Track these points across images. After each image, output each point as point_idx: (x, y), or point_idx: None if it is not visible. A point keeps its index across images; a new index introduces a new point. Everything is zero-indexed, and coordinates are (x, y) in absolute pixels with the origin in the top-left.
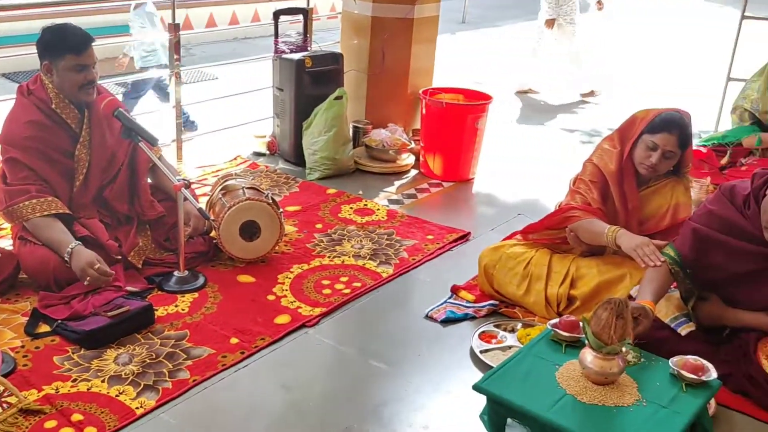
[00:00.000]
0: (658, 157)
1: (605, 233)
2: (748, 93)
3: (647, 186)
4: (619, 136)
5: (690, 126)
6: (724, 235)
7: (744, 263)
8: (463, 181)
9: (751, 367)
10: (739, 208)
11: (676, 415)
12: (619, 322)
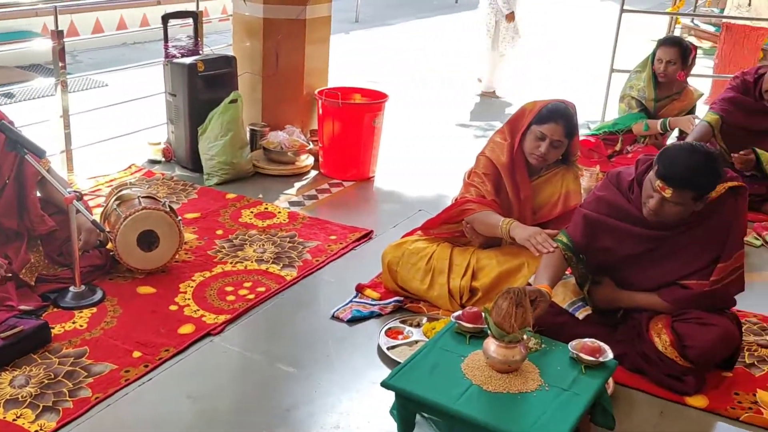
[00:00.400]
0: (546, 146)
1: (500, 226)
2: (635, 83)
3: (539, 176)
4: (509, 128)
5: (575, 116)
6: (613, 219)
7: (631, 245)
8: (364, 179)
9: (644, 345)
10: (625, 193)
11: (577, 396)
12: (519, 311)
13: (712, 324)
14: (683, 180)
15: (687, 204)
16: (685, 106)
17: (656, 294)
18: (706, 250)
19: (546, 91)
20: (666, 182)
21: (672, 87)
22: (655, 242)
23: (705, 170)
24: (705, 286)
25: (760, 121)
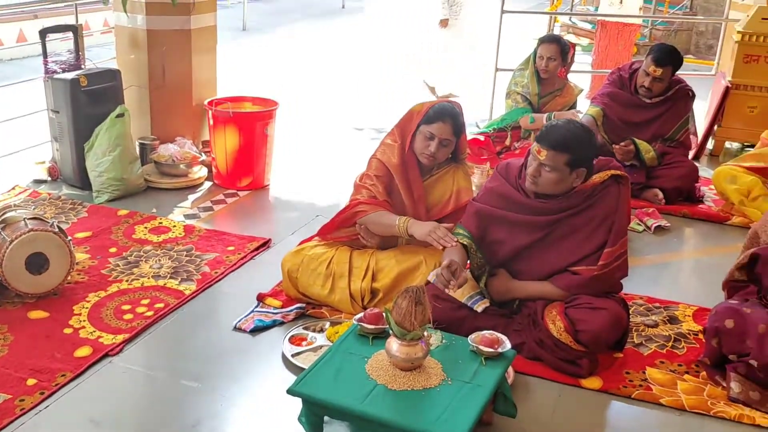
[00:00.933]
0: (436, 145)
1: (396, 224)
2: (519, 79)
3: (430, 175)
4: (398, 130)
5: (461, 115)
6: (503, 210)
7: (523, 235)
8: (259, 188)
9: (540, 333)
10: (514, 183)
11: (479, 388)
12: (418, 309)
13: (601, 308)
14: (556, 141)
15: (562, 170)
16: (567, 101)
17: (549, 282)
18: (592, 237)
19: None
20: (541, 144)
21: (554, 83)
22: (545, 229)
23: (578, 135)
24: (594, 271)
25: (637, 113)
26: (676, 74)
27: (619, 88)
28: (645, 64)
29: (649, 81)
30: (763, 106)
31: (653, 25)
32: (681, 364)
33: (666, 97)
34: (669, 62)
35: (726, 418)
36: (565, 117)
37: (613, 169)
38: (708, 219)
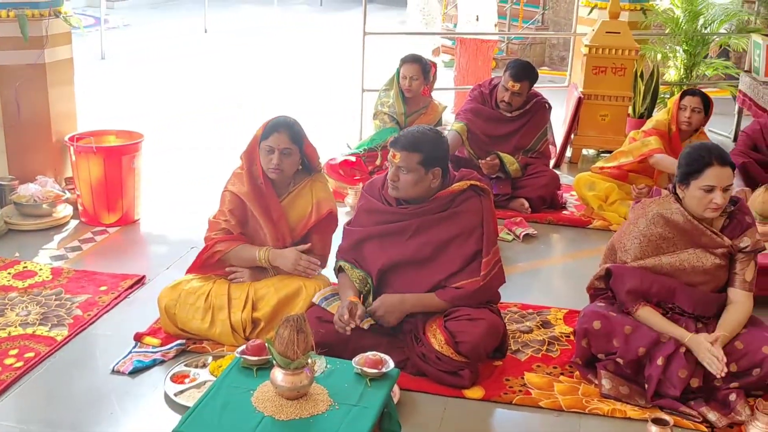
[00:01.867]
0: (277, 157)
1: (257, 257)
2: (384, 100)
3: (288, 192)
4: (245, 157)
5: (297, 124)
6: (373, 226)
7: (394, 249)
8: (129, 223)
9: (423, 348)
10: (378, 196)
11: (365, 410)
12: (300, 336)
13: (479, 318)
14: (407, 142)
15: (417, 170)
16: (432, 119)
17: (434, 294)
18: (464, 249)
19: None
20: (394, 148)
21: (419, 102)
22: (414, 239)
23: (427, 135)
24: (479, 282)
25: (499, 127)
26: (533, 87)
27: (481, 103)
28: (504, 80)
29: (509, 96)
30: (613, 114)
31: (509, 40)
32: (556, 366)
33: (525, 110)
34: (526, 77)
35: (600, 413)
36: None
37: (473, 179)
38: (571, 224)
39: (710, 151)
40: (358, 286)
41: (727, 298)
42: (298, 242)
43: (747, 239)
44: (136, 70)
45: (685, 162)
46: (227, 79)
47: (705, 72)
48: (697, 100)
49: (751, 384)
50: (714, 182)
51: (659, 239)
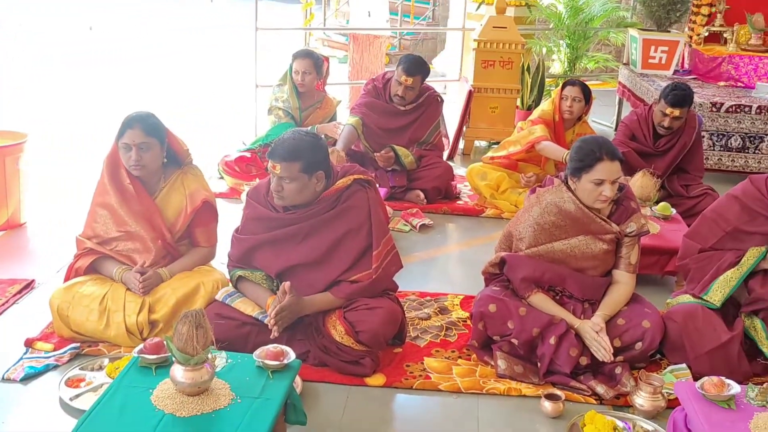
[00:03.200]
0: (135, 153)
1: (114, 275)
2: (279, 95)
3: (159, 190)
4: (108, 161)
5: (152, 117)
6: (263, 233)
7: (287, 253)
8: (15, 227)
9: (324, 340)
10: (263, 202)
11: (268, 401)
12: (199, 332)
13: (377, 307)
14: (286, 152)
15: (299, 178)
16: (327, 113)
17: (329, 293)
18: (355, 244)
19: (196, 115)
20: (273, 159)
21: (313, 96)
22: (305, 242)
23: (305, 142)
24: (372, 274)
25: (393, 120)
26: (426, 81)
27: (375, 97)
28: (397, 74)
29: (402, 89)
30: (503, 106)
31: (402, 36)
32: (454, 350)
33: (418, 103)
34: (418, 71)
35: (497, 393)
36: (327, 130)
37: (356, 173)
38: (465, 213)
39: (601, 146)
40: (267, 285)
41: (613, 278)
42: (181, 236)
43: (633, 224)
44: (21, 70)
45: (577, 156)
46: (115, 79)
47: (587, 65)
48: (577, 90)
49: (635, 357)
50: (604, 176)
51: (552, 227)
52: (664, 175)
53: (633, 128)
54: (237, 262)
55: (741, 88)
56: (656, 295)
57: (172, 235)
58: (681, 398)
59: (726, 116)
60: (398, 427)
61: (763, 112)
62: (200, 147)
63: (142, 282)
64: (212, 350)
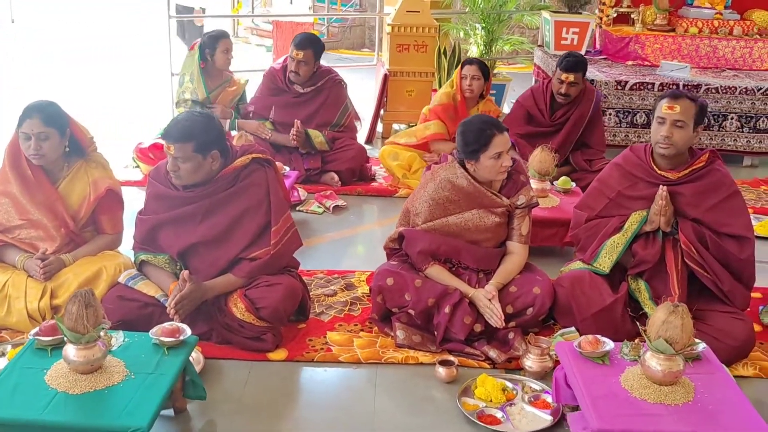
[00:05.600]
0: (34, 142)
1: (16, 263)
2: (187, 85)
3: (62, 178)
4: (9, 150)
5: (52, 106)
6: (164, 212)
7: (187, 232)
8: None
9: (226, 318)
10: (164, 181)
11: (162, 377)
12: (89, 311)
13: (277, 283)
14: (178, 134)
15: (194, 158)
16: (237, 91)
17: (230, 274)
18: (254, 222)
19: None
20: (167, 141)
21: (220, 76)
22: (205, 220)
23: (197, 122)
24: (270, 250)
25: (298, 105)
26: (328, 66)
27: (272, 82)
28: (290, 51)
29: (295, 65)
30: (419, 89)
31: (330, 23)
32: (357, 324)
33: (318, 87)
34: (309, 46)
35: (395, 362)
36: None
37: (255, 152)
38: (379, 194)
39: (487, 123)
40: (170, 269)
41: (507, 249)
42: (86, 224)
43: (523, 197)
44: None
45: (472, 140)
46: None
47: (504, 47)
48: (475, 68)
49: (527, 322)
50: (500, 148)
51: (446, 202)
52: (565, 149)
53: (527, 105)
54: (141, 244)
55: (647, 66)
56: (556, 265)
57: (76, 222)
58: (560, 356)
59: (630, 94)
60: (298, 399)
61: (665, 89)
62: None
63: (43, 267)
64: (106, 329)
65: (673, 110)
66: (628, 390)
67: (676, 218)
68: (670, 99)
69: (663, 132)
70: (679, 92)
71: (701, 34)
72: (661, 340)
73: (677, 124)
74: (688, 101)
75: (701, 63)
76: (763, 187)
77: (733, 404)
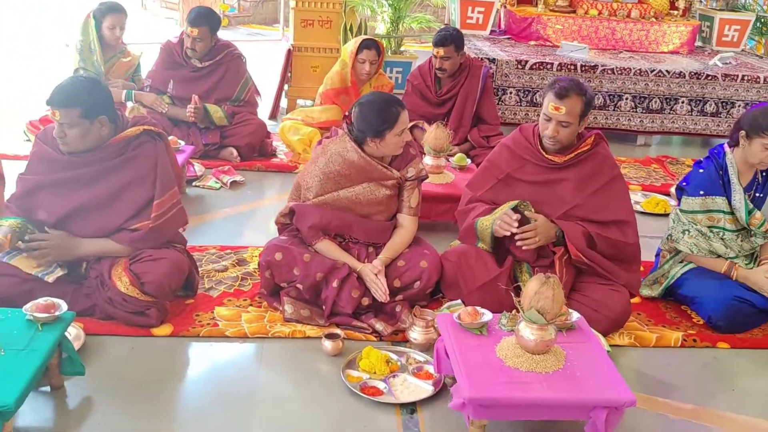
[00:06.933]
0: None
1: None
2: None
3: None
4: None
5: None
6: (47, 175)
7: (69, 196)
8: None
9: (109, 292)
10: (53, 145)
11: (33, 353)
12: None
13: (162, 258)
14: (63, 98)
15: (80, 123)
16: (131, 63)
17: (108, 239)
18: (140, 193)
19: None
20: (52, 106)
21: (116, 47)
22: (88, 187)
23: (83, 86)
24: (150, 224)
25: (196, 79)
26: (228, 40)
27: (169, 56)
28: (185, 27)
29: (191, 42)
30: (323, 65)
31: None
32: (246, 299)
33: (217, 61)
34: (204, 22)
35: (282, 336)
36: (144, 99)
37: (147, 125)
38: (280, 170)
39: (390, 102)
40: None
41: (397, 222)
42: None
43: (412, 169)
44: None
45: (378, 120)
46: None
47: (411, 24)
48: (373, 54)
49: (414, 295)
50: (405, 125)
51: (337, 176)
52: (464, 127)
53: (416, 83)
54: (18, 201)
55: (548, 47)
56: (449, 240)
57: None
58: (440, 328)
59: (531, 73)
60: (181, 374)
61: (563, 69)
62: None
63: None
64: None
65: (559, 111)
66: (502, 359)
67: (561, 230)
68: (557, 98)
69: (549, 132)
70: (566, 89)
71: (601, 16)
72: (533, 311)
73: (563, 124)
74: (576, 98)
75: (600, 44)
76: (654, 166)
77: (599, 370)
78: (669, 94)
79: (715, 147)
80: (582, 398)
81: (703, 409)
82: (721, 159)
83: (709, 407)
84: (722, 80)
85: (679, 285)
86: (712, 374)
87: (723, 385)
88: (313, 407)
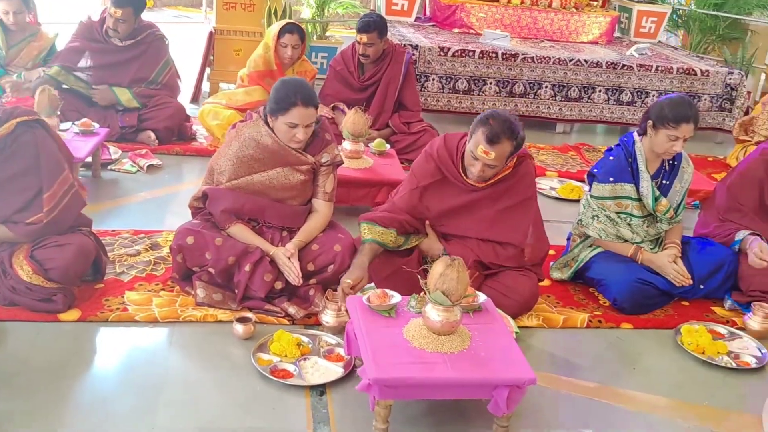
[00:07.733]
0: None
1: None
2: None
3: None
4: None
5: None
6: None
7: None
8: None
9: (11, 281)
10: None
11: None
12: None
13: (67, 243)
14: None
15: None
16: (43, 46)
17: (4, 225)
18: (23, 185)
19: None
20: None
21: (25, 31)
22: None
23: None
24: (43, 218)
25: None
26: (149, 20)
27: (88, 35)
28: (108, 8)
29: (113, 22)
30: (246, 49)
31: None
32: (158, 284)
33: (138, 40)
34: (127, 4)
35: (193, 320)
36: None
37: (19, 116)
38: (198, 154)
39: (297, 92)
40: None
41: (312, 207)
42: None
43: (327, 155)
44: None
45: (275, 99)
46: None
47: (337, 9)
48: (296, 38)
49: (328, 279)
50: (297, 121)
51: (251, 160)
52: (386, 112)
53: (339, 68)
54: None
55: (472, 34)
56: None
57: None
58: (350, 310)
59: (453, 60)
60: (89, 359)
61: (485, 56)
62: None
63: None
64: None
65: (488, 155)
66: (409, 340)
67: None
68: (488, 143)
69: (475, 171)
70: (497, 135)
71: (523, 5)
72: (438, 292)
73: (490, 166)
74: (506, 142)
75: (522, 33)
76: (571, 153)
77: (503, 350)
78: (587, 83)
79: (625, 135)
80: (484, 377)
81: (604, 387)
82: (630, 147)
83: (610, 385)
84: (637, 70)
85: (588, 268)
86: (615, 354)
87: (625, 364)
88: (222, 390)
